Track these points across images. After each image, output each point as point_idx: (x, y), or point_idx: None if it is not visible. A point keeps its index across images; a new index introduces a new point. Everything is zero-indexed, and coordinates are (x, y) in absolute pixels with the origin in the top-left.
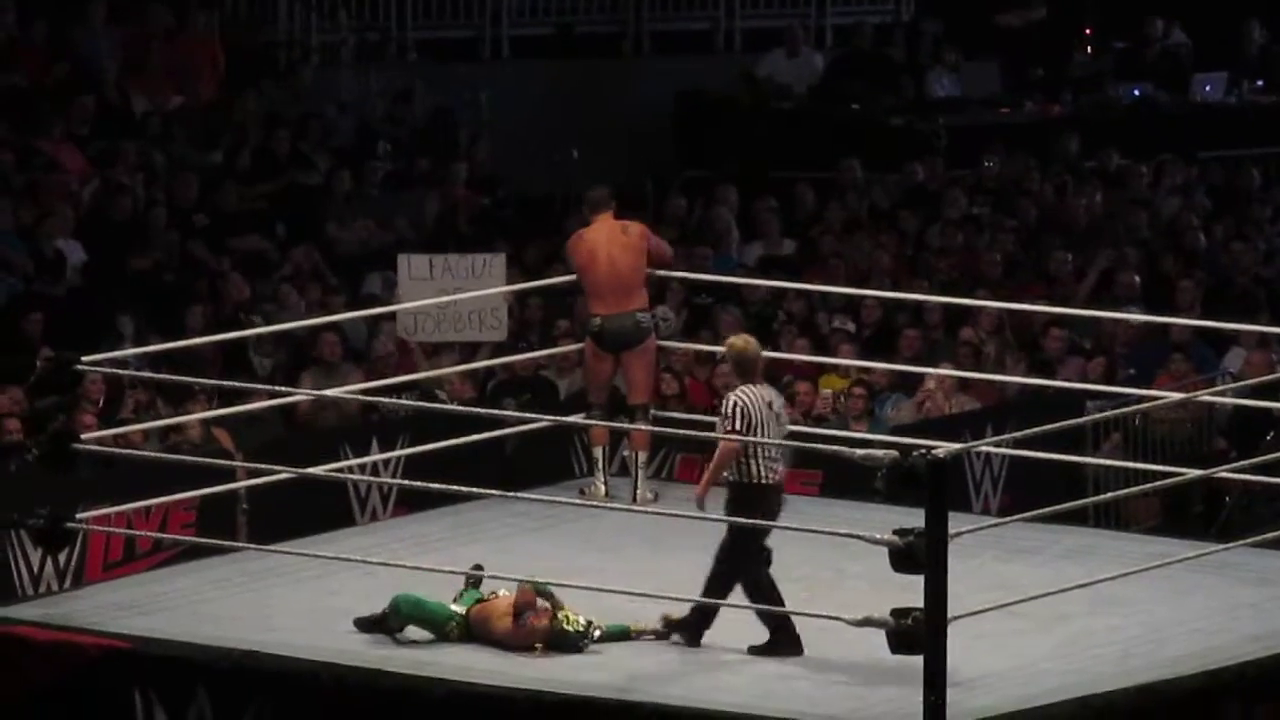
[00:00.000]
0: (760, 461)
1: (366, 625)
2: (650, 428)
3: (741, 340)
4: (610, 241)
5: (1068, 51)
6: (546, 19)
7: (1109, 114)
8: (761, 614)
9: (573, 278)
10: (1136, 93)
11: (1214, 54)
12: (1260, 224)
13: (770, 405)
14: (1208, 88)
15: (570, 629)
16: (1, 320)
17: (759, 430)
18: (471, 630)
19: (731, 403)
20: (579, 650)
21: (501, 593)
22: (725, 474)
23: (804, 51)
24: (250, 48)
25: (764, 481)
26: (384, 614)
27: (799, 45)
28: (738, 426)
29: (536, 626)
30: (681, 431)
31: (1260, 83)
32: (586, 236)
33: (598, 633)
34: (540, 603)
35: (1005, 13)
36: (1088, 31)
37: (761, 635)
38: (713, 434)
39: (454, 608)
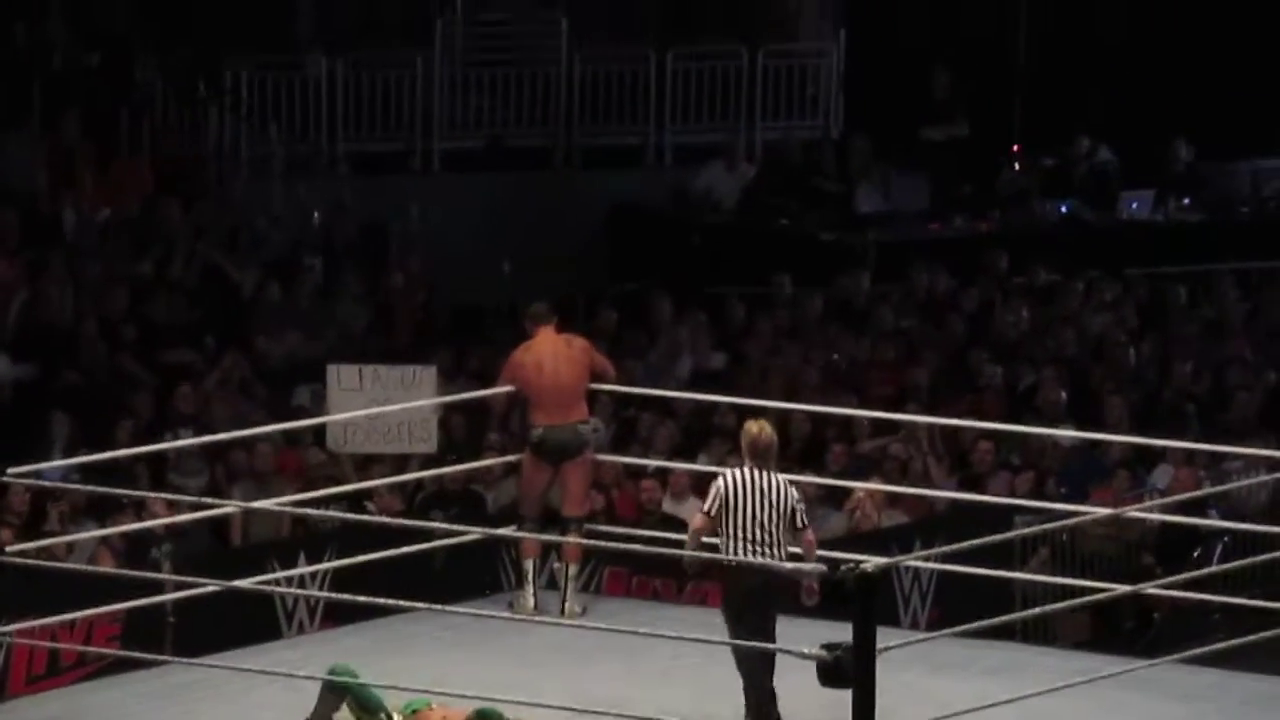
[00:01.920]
0: (735, 543)
1: None
2: (583, 540)
3: (756, 426)
4: (554, 354)
5: (996, 168)
6: (477, 131)
7: (1037, 230)
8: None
9: (505, 390)
10: (1064, 209)
11: (1141, 171)
12: (1187, 341)
13: (764, 490)
14: (1134, 205)
15: None
16: None
17: (735, 511)
18: None
19: (715, 481)
20: None
21: (435, 705)
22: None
23: (741, 165)
24: (180, 159)
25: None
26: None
27: (737, 158)
28: (706, 505)
29: None
30: (614, 544)
31: (1186, 200)
32: (532, 348)
33: None
34: None
35: (928, 128)
36: (1015, 148)
37: None
38: (644, 548)
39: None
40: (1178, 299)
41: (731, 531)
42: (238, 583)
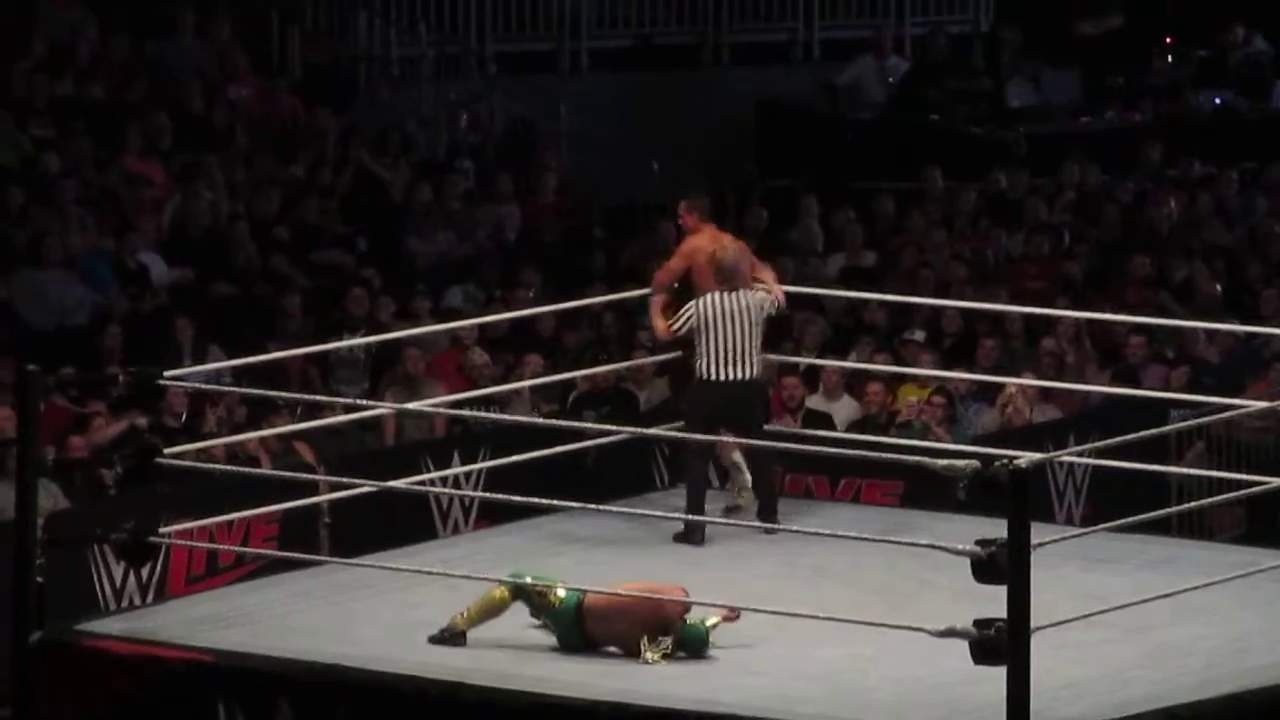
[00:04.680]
0: (709, 359)
1: (439, 642)
2: (736, 439)
3: (721, 249)
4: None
5: (1148, 60)
6: (625, 30)
7: (1190, 122)
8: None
9: (651, 293)
10: (1217, 101)
11: None
12: None
13: (735, 309)
14: None
15: (697, 627)
16: (86, 336)
17: (710, 330)
18: (583, 615)
19: (689, 304)
20: (702, 644)
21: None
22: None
23: (892, 58)
24: (330, 62)
25: (710, 378)
26: (449, 627)
27: (887, 50)
28: (677, 324)
29: (679, 614)
30: (770, 444)
31: None
32: (713, 238)
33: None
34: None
35: (1083, 21)
36: (1168, 40)
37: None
38: (797, 446)
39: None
40: None
41: (706, 350)
42: (393, 483)
